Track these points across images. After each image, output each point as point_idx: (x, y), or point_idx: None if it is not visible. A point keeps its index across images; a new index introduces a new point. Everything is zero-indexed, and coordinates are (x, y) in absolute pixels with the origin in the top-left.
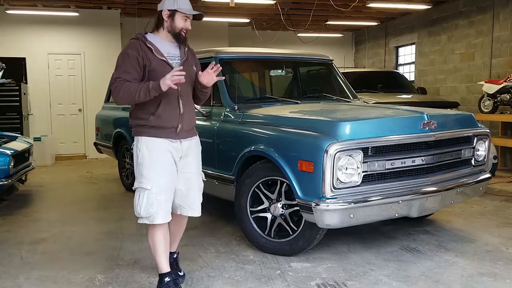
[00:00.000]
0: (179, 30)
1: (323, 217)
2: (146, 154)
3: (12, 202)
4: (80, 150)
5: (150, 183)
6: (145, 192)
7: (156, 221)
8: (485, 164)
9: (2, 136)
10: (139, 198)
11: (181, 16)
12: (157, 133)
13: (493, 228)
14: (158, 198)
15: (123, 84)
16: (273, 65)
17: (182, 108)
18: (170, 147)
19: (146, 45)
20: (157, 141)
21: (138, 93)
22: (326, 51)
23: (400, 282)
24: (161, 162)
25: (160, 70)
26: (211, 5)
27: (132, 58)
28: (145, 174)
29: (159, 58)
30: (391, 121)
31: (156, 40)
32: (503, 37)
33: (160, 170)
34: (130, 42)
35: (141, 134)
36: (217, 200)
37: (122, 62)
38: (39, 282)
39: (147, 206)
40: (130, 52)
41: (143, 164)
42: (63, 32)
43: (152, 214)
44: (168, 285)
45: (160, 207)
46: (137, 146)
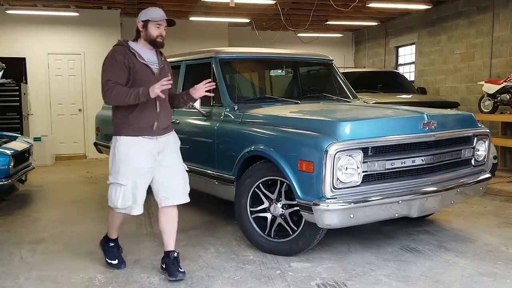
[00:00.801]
0: (155, 37)
1: (323, 217)
2: (124, 153)
3: (12, 202)
4: (80, 150)
5: (126, 180)
6: (121, 187)
7: (133, 213)
8: (485, 164)
9: (2, 136)
10: (115, 193)
11: (153, 24)
12: (135, 132)
13: (493, 228)
14: (134, 193)
15: (115, 87)
16: (273, 65)
17: (159, 108)
18: (147, 144)
19: (130, 50)
20: (135, 139)
21: (128, 97)
22: (326, 51)
23: (400, 282)
24: (137, 160)
25: (142, 73)
26: (211, 5)
27: (119, 61)
28: (122, 171)
29: (142, 62)
30: (391, 121)
31: (137, 47)
32: (503, 37)
33: (136, 168)
34: (115, 47)
35: (120, 134)
36: (217, 200)
37: (110, 66)
38: (39, 282)
39: (123, 200)
40: (117, 56)
41: (120, 161)
42: (63, 32)
43: (129, 206)
44: (112, 248)
45: (135, 201)
46: (115, 145)
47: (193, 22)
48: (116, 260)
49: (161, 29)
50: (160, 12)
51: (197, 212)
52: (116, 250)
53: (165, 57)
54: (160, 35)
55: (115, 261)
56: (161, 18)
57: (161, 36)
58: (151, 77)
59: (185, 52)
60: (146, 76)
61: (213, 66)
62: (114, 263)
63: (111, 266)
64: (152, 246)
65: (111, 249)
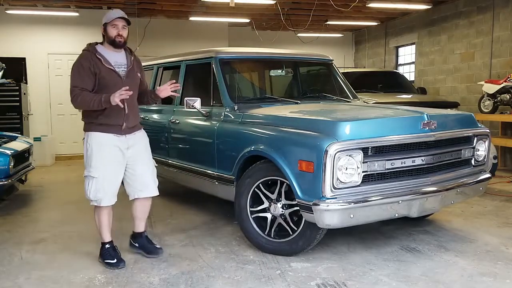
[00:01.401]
0: (113, 38)
1: (323, 217)
2: (95, 148)
3: (12, 202)
4: (80, 150)
5: (97, 172)
6: (93, 180)
7: (103, 204)
8: (485, 164)
9: (2, 136)
10: (88, 185)
11: (110, 26)
12: (104, 129)
13: (493, 228)
14: (104, 185)
15: (80, 93)
16: (273, 65)
17: (127, 109)
18: (116, 141)
19: (96, 56)
20: (105, 136)
21: (93, 103)
22: (326, 51)
23: (400, 282)
24: (107, 154)
25: (108, 78)
26: (211, 5)
27: (85, 68)
28: (93, 165)
29: (107, 67)
30: (391, 121)
31: (104, 51)
32: (503, 37)
33: (106, 162)
34: (82, 53)
35: (91, 130)
36: (217, 200)
37: (77, 73)
38: (39, 282)
39: (95, 191)
40: (83, 63)
41: (91, 155)
42: (63, 32)
43: (100, 198)
44: (108, 250)
45: (105, 192)
46: (87, 140)
47: (193, 22)
48: (114, 259)
49: (118, 28)
50: (116, 12)
51: (197, 212)
52: (113, 250)
53: (136, 56)
54: (118, 35)
55: (114, 260)
56: (112, 18)
57: (119, 36)
58: (117, 81)
59: (185, 52)
60: (112, 81)
61: (213, 66)
62: (113, 262)
63: (110, 266)
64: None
65: (107, 251)
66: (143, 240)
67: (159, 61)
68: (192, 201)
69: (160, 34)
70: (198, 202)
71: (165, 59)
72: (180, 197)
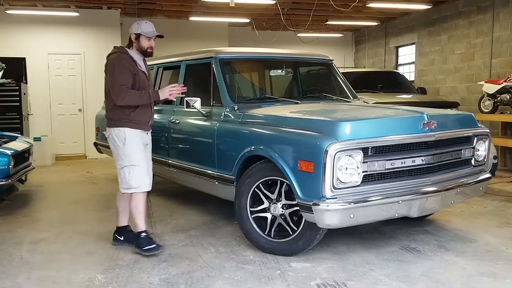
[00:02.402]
0: (145, 49)
1: (323, 217)
2: (129, 140)
3: (12, 202)
4: (80, 150)
5: (137, 161)
6: (134, 168)
7: (144, 189)
8: (485, 164)
9: (2, 136)
10: (129, 173)
11: (144, 38)
12: (134, 126)
13: (493, 228)
14: (144, 171)
15: (128, 91)
16: (273, 65)
17: (152, 109)
18: (142, 136)
19: (132, 59)
20: (135, 131)
21: (142, 98)
22: (326, 51)
23: (400, 282)
24: (140, 146)
25: (142, 78)
26: (211, 5)
27: (128, 68)
28: (133, 155)
29: (139, 69)
30: (391, 121)
31: (133, 55)
32: (503, 37)
33: (141, 152)
34: (120, 55)
35: (123, 126)
36: (217, 200)
37: (121, 73)
38: (39, 282)
39: (137, 178)
40: (126, 64)
41: (128, 147)
42: (63, 32)
43: (141, 184)
44: (145, 238)
45: (146, 178)
46: (118, 135)
47: (193, 22)
48: (154, 245)
49: (151, 41)
50: (151, 27)
51: (197, 212)
52: (148, 237)
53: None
54: (150, 47)
55: (153, 245)
56: (152, 35)
57: (151, 48)
58: (146, 82)
59: (185, 52)
60: (144, 81)
61: (213, 66)
62: (152, 247)
63: (150, 251)
64: None
65: (144, 239)
66: (128, 233)
67: (159, 61)
68: (192, 201)
69: None
70: (198, 202)
71: (165, 59)
72: (180, 197)
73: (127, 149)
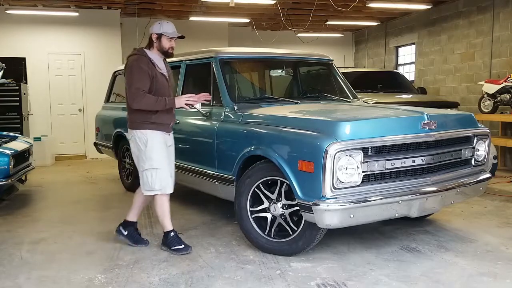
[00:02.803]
0: (167, 49)
1: (323, 217)
2: (151, 143)
3: (12, 202)
4: (80, 150)
5: (160, 164)
6: (157, 171)
7: (168, 191)
8: (485, 164)
9: (2, 136)
10: (151, 176)
11: (166, 38)
12: (156, 127)
13: (493, 228)
14: (167, 174)
15: (145, 95)
16: (273, 65)
17: (174, 110)
18: (164, 138)
19: (151, 61)
20: (157, 133)
21: (157, 104)
22: (326, 51)
23: (400, 282)
24: (163, 148)
25: (161, 81)
26: (211, 5)
27: (145, 71)
28: (155, 157)
29: (159, 71)
30: (391, 121)
31: (153, 56)
32: (503, 37)
33: (164, 154)
34: (137, 57)
35: (144, 128)
36: (217, 200)
37: (138, 75)
38: (39, 282)
39: (160, 180)
40: (143, 67)
41: (151, 150)
42: (63, 32)
43: (164, 186)
44: (173, 237)
45: (168, 180)
46: (140, 137)
47: (193, 22)
48: (182, 245)
49: (172, 42)
50: (173, 28)
51: (197, 212)
52: (177, 237)
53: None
54: (171, 47)
55: (182, 245)
56: (174, 36)
57: (172, 48)
58: (166, 84)
59: (185, 52)
60: (163, 83)
61: (213, 66)
62: (181, 247)
63: (179, 251)
64: (152, 246)
65: (173, 238)
66: (133, 229)
67: None
68: (192, 201)
69: None
70: (198, 202)
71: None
72: (180, 197)
73: (149, 152)
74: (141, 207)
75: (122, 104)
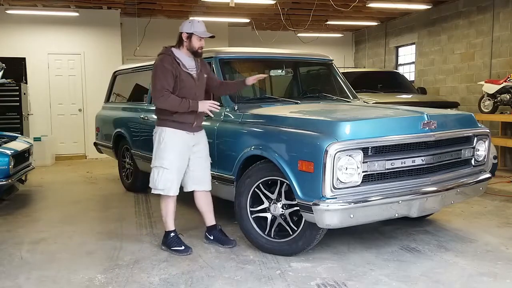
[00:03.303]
0: (196, 49)
1: (323, 217)
2: (168, 141)
3: (12, 202)
4: (80, 150)
5: (169, 164)
6: (164, 170)
7: (170, 193)
8: (485, 164)
9: (2, 136)
10: (158, 174)
11: (196, 37)
12: (178, 126)
13: (493, 228)
14: (174, 176)
15: (169, 96)
16: (273, 65)
17: None
18: (186, 137)
19: (176, 60)
20: (177, 132)
21: (181, 106)
22: (326, 51)
23: (400, 282)
24: (178, 149)
25: (186, 80)
26: (211, 5)
27: (169, 71)
28: (165, 157)
29: (185, 70)
30: (391, 121)
31: (180, 55)
32: (503, 37)
33: (177, 155)
34: (162, 56)
35: (165, 125)
36: (217, 200)
37: (162, 75)
38: (39, 282)
39: (165, 181)
40: (167, 66)
41: (165, 148)
42: (63, 32)
43: (168, 187)
44: (173, 238)
45: (173, 183)
46: (160, 134)
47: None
48: (182, 246)
49: (202, 41)
50: (203, 27)
51: (197, 212)
52: (177, 238)
53: (202, 59)
54: (201, 47)
55: (181, 247)
56: (204, 35)
57: (201, 48)
58: (192, 83)
59: None
60: (188, 83)
61: (213, 66)
62: (181, 248)
63: (179, 252)
64: (152, 246)
65: (173, 239)
66: (218, 233)
67: None
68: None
69: (160, 34)
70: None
71: None
72: (180, 197)
73: (162, 150)
74: (207, 209)
75: (122, 104)
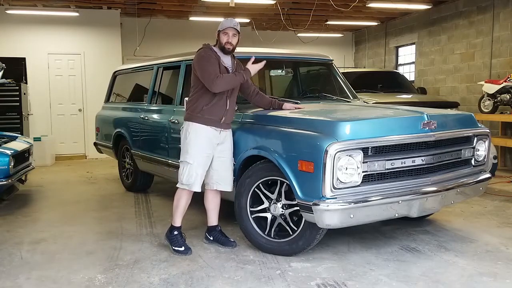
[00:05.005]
0: (223, 44)
1: (323, 217)
2: (194, 137)
3: (12, 202)
4: (80, 150)
5: (192, 159)
6: (188, 165)
7: (193, 189)
8: (485, 164)
9: (2, 136)
10: (183, 169)
11: (222, 33)
12: (205, 122)
13: (493, 228)
14: (197, 171)
15: (222, 77)
16: (273, 65)
17: (228, 106)
18: (212, 134)
19: (216, 55)
20: (204, 128)
21: (237, 78)
22: (326, 51)
23: (400, 282)
24: (203, 145)
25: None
26: (211, 5)
27: (214, 60)
28: (190, 152)
29: (223, 65)
30: (391, 121)
31: (218, 52)
32: (503, 37)
33: (201, 151)
34: (205, 50)
35: (193, 120)
36: None
37: (209, 64)
38: (39, 282)
39: (188, 176)
40: (211, 55)
41: (190, 143)
42: (63, 32)
43: (191, 183)
44: (176, 237)
45: (197, 178)
46: (187, 129)
47: (193, 22)
48: (182, 247)
49: (228, 36)
50: (228, 21)
51: (197, 212)
52: (180, 237)
53: (238, 60)
54: (227, 42)
55: (182, 248)
56: (225, 27)
57: (228, 43)
58: None
59: (185, 52)
60: None
61: None
62: (181, 249)
63: (178, 253)
64: (152, 246)
65: (176, 237)
66: (218, 233)
67: (159, 61)
68: (192, 201)
69: (160, 34)
70: (198, 202)
71: (165, 59)
72: None
73: (187, 144)
74: (214, 207)
75: (122, 104)
